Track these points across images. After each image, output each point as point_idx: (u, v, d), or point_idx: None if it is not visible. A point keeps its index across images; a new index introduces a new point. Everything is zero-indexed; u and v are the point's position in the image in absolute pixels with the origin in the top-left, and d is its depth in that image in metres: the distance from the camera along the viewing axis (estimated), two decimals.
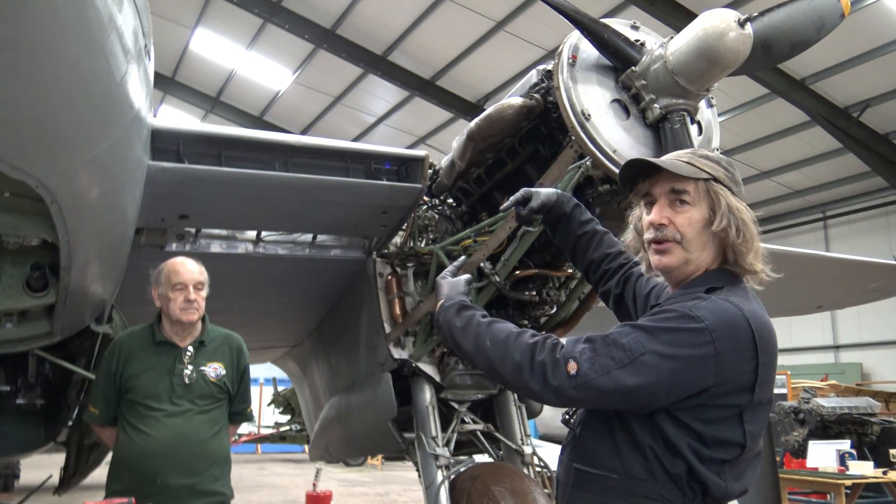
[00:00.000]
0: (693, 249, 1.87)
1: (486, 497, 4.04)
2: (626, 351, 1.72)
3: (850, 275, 7.76)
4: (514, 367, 1.81)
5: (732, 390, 1.74)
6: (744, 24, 2.99)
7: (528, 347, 1.81)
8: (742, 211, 1.86)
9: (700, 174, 1.87)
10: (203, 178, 3.78)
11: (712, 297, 1.80)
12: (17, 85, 2.09)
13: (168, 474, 3.22)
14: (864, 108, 15.16)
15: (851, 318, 18.81)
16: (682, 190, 1.87)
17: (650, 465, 1.78)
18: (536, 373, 1.77)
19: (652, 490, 1.77)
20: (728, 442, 1.77)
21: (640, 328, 1.77)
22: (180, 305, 3.35)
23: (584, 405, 1.85)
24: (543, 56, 14.91)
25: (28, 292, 3.39)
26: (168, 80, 20.71)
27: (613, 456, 1.83)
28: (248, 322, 5.44)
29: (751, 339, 1.75)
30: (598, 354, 1.74)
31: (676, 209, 1.88)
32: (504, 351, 1.84)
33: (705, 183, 1.87)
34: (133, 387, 3.33)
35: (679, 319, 1.75)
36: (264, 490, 13.39)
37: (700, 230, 1.86)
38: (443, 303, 2.09)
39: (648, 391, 1.72)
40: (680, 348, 1.71)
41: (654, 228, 1.91)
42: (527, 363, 1.79)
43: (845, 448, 8.39)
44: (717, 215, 1.84)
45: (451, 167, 4.19)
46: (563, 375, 1.73)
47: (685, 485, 1.77)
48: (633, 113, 3.32)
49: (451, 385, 4.58)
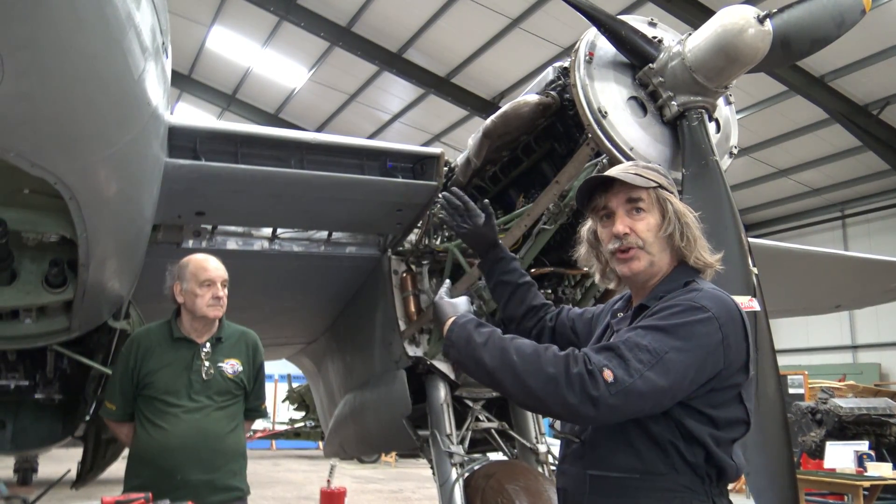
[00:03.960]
0: (655, 252, 1.99)
1: (500, 495, 4.04)
2: (650, 352, 1.75)
3: (869, 274, 7.68)
4: (548, 380, 1.75)
5: (735, 371, 1.84)
6: (763, 21, 2.96)
7: (561, 360, 1.78)
8: (685, 214, 2.00)
9: (650, 183, 2.00)
10: (219, 176, 3.79)
11: (703, 288, 1.91)
12: (37, 82, 2.10)
13: (187, 470, 3.24)
14: (884, 105, 15.00)
15: (870, 317, 18.61)
16: (637, 198, 2.00)
17: (670, 459, 1.82)
18: (574, 384, 1.72)
19: (674, 482, 1.82)
20: (736, 421, 1.87)
21: (654, 328, 1.81)
22: (208, 302, 3.37)
23: (619, 415, 1.76)
24: (559, 53, 14.87)
25: (47, 288, 3.42)
26: (185, 78, 20.83)
27: (631, 456, 1.85)
28: (264, 319, 5.46)
29: (742, 321, 1.87)
30: (627, 360, 1.74)
31: (634, 217, 2.00)
32: (535, 364, 1.79)
33: (655, 191, 2.00)
34: (151, 382, 3.35)
35: (687, 312, 1.81)
36: (279, 486, 13.46)
37: (656, 234, 1.99)
38: (455, 319, 2.04)
39: (677, 387, 1.76)
40: (696, 340, 1.78)
41: (617, 239, 2.00)
42: (562, 375, 1.74)
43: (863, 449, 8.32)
44: (664, 220, 1.99)
45: (467, 165, 4.18)
46: (602, 384, 1.71)
47: (703, 471, 1.83)
48: (650, 110, 3.30)
49: (465, 383, 4.57)
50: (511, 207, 4.09)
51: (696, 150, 3.10)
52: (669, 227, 1.98)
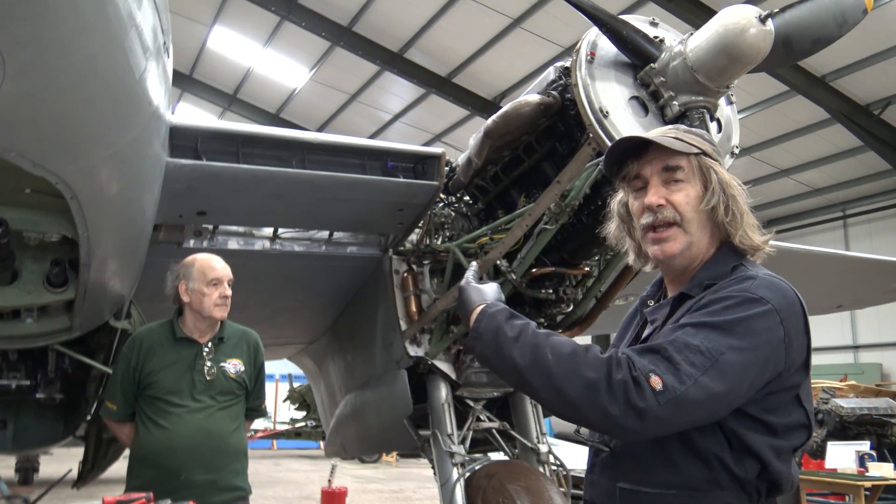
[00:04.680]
0: (694, 230, 1.73)
1: (501, 495, 4.04)
2: (703, 353, 1.52)
3: (871, 274, 7.68)
4: (586, 386, 1.52)
5: (796, 370, 1.63)
6: (765, 21, 2.96)
7: (602, 363, 1.55)
8: (732, 186, 1.74)
9: (692, 149, 1.75)
10: (220, 175, 3.79)
11: (758, 274, 1.66)
12: (38, 82, 2.10)
13: (192, 470, 3.25)
14: (885, 105, 14.98)
15: (871, 317, 18.60)
16: (675, 166, 1.74)
17: (715, 474, 1.60)
18: (616, 392, 1.50)
19: (717, 499, 1.61)
20: (797, 426, 1.65)
21: (706, 325, 1.57)
22: (216, 301, 3.37)
23: (667, 428, 1.54)
24: (561, 53, 14.87)
25: (48, 288, 3.42)
26: (186, 78, 20.83)
27: (669, 469, 1.64)
28: (265, 318, 5.46)
29: (803, 312, 1.64)
30: (677, 363, 1.52)
31: (671, 188, 1.74)
32: (573, 366, 1.55)
33: (696, 158, 1.75)
34: (153, 382, 3.35)
35: (744, 305, 1.58)
36: (280, 486, 13.46)
37: (697, 208, 1.73)
38: (484, 308, 1.76)
39: (735, 393, 1.54)
40: (756, 337, 1.55)
41: (650, 212, 1.75)
42: (603, 381, 1.51)
43: (865, 449, 8.31)
44: (707, 192, 1.73)
45: (468, 164, 4.18)
46: (649, 393, 1.48)
47: (753, 487, 1.62)
48: (651, 110, 3.29)
49: (466, 383, 4.57)
50: (512, 207, 4.09)
51: None
52: (713, 199, 1.71)
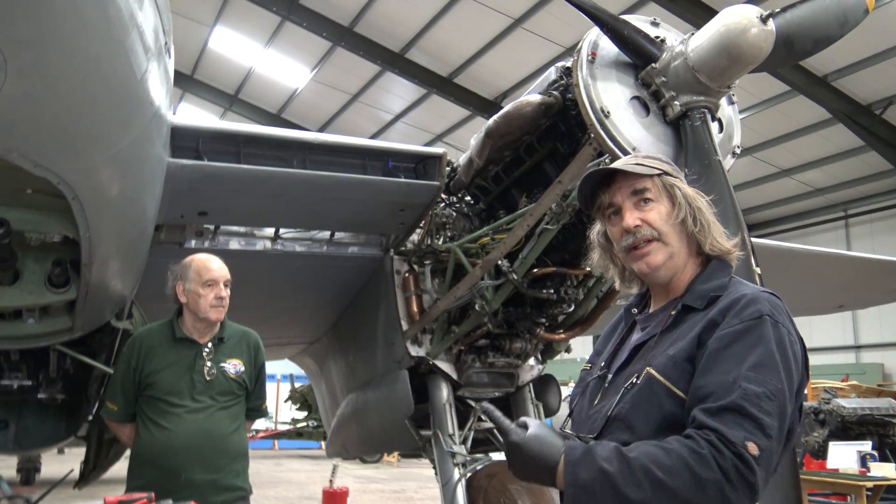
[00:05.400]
0: (672, 242, 1.84)
1: (502, 495, 4.04)
2: (771, 399, 1.57)
3: (872, 274, 7.67)
4: (711, 486, 1.49)
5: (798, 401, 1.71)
6: (766, 21, 2.95)
7: (707, 456, 1.51)
8: (697, 199, 1.87)
9: (654, 171, 1.87)
10: (222, 176, 3.79)
11: (755, 292, 1.75)
12: (40, 83, 2.10)
13: (192, 470, 3.24)
14: (887, 105, 14.98)
15: (873, 317, 18.59)
16: (643, 188, 1.86)
17: None
18: (733, 479, 1.49)
19: None
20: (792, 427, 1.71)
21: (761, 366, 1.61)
22: (211, 302, 3.37)
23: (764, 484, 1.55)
24: (562, 53, 14.87)
25: (49, 288, 3.42)
26: (187, 78, 20.86)
27: None
28: (266, 319, 5.47)
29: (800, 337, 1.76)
30: (760, 421, 1.55)
31: (643, 209, 1.85)
32: (687, 474, 1.50)
33: (660, 178, 1.87)
34: (153, 383, 3.35)
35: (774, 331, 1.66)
36: (281, 486, 13.47)
37: (670, 222, 1.84)
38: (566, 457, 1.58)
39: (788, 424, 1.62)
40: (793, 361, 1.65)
41: (629, 234, 1.85)
42: (718, 473, 1.49)
43: (866, 449, 8.31)
44: (675, 206, 1.85)
45: (469, 165, 4.18)
46: (753, 464, 1.50)
47: None
48: (652, 110, 3.29)
49: (468, 383, 4.58)
50: (514, 207, 4.09)
51: (698, 150, 3.09)
52: (681, 212, 1.84)
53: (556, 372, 5.48)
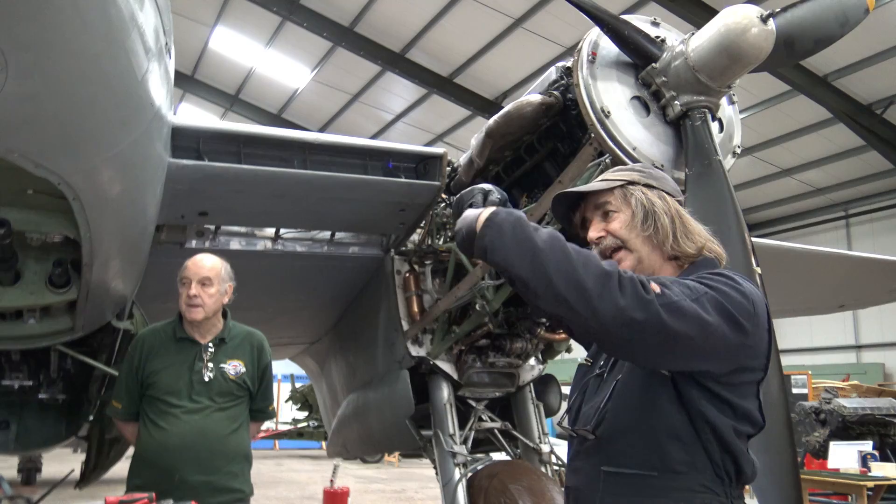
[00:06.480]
0: (637, 247, 1.90)
1: (503, 495, 4.04)
2: (690, 289, 1.65)
3: (873, 274, 7.66)
4: (602, 275, 1.59)
5: (758, 361, 1.75)
6: (766, 20, 2.95)
7: (612, 263, 1.66)
8: (654, 202, 1.90)
9: (613, 183, 1.95)
10: (222, 176, 3.80)
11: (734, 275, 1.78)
12: (40, 83, 2.11)
13: (186, 471, 3.22)
14: (887, 104, 14.96)
15: (873, 317, 18.56)
16: (604, 202, 1.96)
17: (691, 456, 1.71)
18: (625, 286, 1.57)
19: (694, 481, 1.71)
20: (751, 414, 1.76)
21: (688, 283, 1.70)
22: (184, 301, 3.36)
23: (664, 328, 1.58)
24: (562, 53, 14.86)
25: (50, 288, 3.43)
26: (188, 79, 20.85)
27: (649, 451, 1.73)
28: (267, 319, 5.47)
29: (768, 317, 1.78)
30: (667, 285, 1.64)
31: (608, 221, 1.95)
32: (589, 257, 1.63)
33: (621, 189, 1.95)
34: (154, 382, 3.35)
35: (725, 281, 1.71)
36: (282, 486, 13.47)
37: (632, 229, 1.90)
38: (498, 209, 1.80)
39: (718, 330, 1.63)
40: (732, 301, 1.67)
41: (595, 245, 1.94)
42: (615, 274, 1.59)
43: (867, 449, 8.33)
44: (632, 212, 1.91)
45: (470, 165, 4.18)
46: (653, 293, 1.58)
47: (722, 470, 1.73)
48: (653, 110, 3.29)
49: (468, 383, 4.58)
50: (514, 207, 4.08)
51: (699, 150, 3.09)
52: (635, 218, 1.89)
53: (556, 372, 5.48)
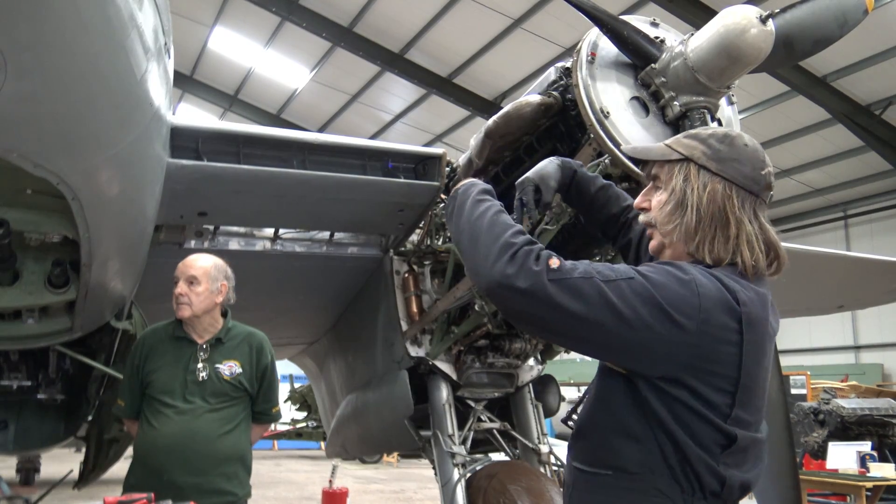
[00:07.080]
0: (665, 234, 1.77)
1: (502, 496, 4.04)
2: (613, 270, 1.60)
3: (872, 274, 7.67)
4: (501, 246, 1.63)
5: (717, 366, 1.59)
6: (765, 21, 2.95)
7: (517, 233, 1.67)
8: (691, 194, 1.71)
9: (670, 155, 1.78)
10: (221, 176, 3.79)
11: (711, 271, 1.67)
12: (39, 83, 2.10)
13: (173, 471, 3.19)
14: (886, 105, 14.98)
15: (872, 318, 18.59)
16: (655, 175, 1.82)
17: (646, 456, 1.62)
18: (518, 257, 1.59)
19: (648, 484, 1.61)
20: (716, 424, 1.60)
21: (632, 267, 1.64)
22: (175, 299, 3.36)
23: (545, 300, 1.54)
24: (561, 53, 14.88)
25: (49, 288, 3.43)
26: (187, 79, 20.86)
27: (606, 450, 1.68)
28: (266, 319, 5.46)
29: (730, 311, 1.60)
30: (577, 265, 1.61)
31: (651, 193, 1.83)
32: (501, 228, 1.68)
33: (676, 164, 1.76)
34: (152, 381, 3.36)
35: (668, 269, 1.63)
36: (281, 486, 13.47)
37: (664, 214, 1.76)
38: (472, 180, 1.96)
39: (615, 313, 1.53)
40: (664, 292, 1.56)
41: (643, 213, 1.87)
42: (516, 246, 1.61)
43: (866, 450, 8.33)
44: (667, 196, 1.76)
45: (469, 165, 4.18)
46: (544, 265, 1.56)
47: (681, 476, 1.60)
48: (652, 110, 3.29)
49: (467, 383, 4.57)
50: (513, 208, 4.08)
51: None
52: (667, 204, 1.75)
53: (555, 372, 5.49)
